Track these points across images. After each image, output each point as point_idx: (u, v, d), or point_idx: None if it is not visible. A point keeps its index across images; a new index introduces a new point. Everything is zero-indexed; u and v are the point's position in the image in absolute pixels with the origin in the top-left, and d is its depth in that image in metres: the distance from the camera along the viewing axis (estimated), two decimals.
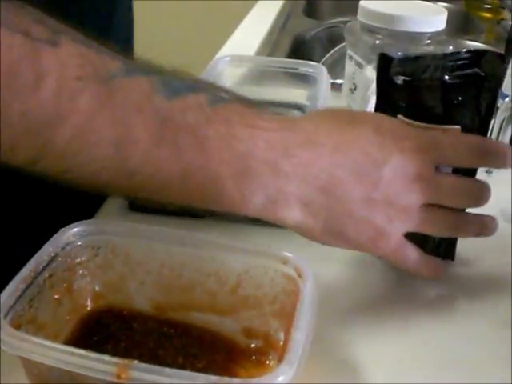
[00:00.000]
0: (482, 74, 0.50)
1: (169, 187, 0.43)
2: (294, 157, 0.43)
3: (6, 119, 0.36)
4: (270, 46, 1.14)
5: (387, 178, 0.45)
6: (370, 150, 0.46)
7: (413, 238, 0.49)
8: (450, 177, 0.49)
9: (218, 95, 0.44)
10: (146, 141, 0.40)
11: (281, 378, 0.35)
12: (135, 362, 0.34)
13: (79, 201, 0.64)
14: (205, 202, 0.44)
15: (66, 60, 0.37)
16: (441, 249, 0.55)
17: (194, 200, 0.45)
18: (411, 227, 0.48)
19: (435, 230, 0.50)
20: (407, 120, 0.50)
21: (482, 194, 0.50)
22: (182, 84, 0.42)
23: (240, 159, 0.42)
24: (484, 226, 0.52)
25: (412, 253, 0.50)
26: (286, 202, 0.44)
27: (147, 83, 0.40)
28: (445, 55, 0.52)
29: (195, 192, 0.43)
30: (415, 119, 0.49)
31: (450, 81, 0.50)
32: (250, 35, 1.17)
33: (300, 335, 0.37)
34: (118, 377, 0.34)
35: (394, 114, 0.50)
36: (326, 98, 0.61)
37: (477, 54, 0.51)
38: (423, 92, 0.51)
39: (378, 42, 0.74)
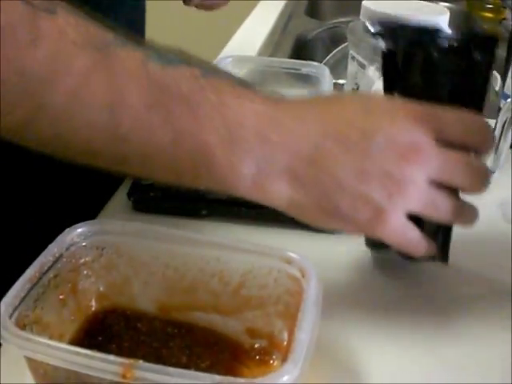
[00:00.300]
0: (474, 58, 0.48)
1: (159, 157, 0.42)
2: (280, 126, 0.43)
3: (3, 77, 0.37)
4: (271, 47, 1.14)
5: (378, 147, 0.43)
6: (355, 119, 0.44)
7: None
8: (454, 152, 0.45)
9: (210, 69, 0.44)
10: (139, 106, 0.40)
11: (285, 378, 0.35)
12: (140, 361, 0.34)
13: (82, 201, 0.64)
14: (195, 176, 0.44)
15: (63, 26, 0.38)
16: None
17: (183, 173, 0.44)
18: (413, 205, 0.45)
19: (436, 213, 0.46)
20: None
21: (486, 176, 0.47)
22: (176, 56, 0.43)
23: (230, 127, 0.42)
24: (474, 216, 0.50)
25: (414, 234, 0.46)
26: (274, 173, 0.43)
27: (142, 53, 0.41)
28: (436, 31, 0.50)
29: (185, 163, 0.42)
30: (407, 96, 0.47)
31: (439, 61, 0.48)
32: (251, 35, 1.17)
33: (304, 335, 0.37)
34: (124, 376, 0.34)
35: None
36: None
37: (470, 37, 0.49)
38: (412, 67, 0.49)
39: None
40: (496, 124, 0.77)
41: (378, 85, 0.75)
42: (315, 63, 0.70)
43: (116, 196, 0.65)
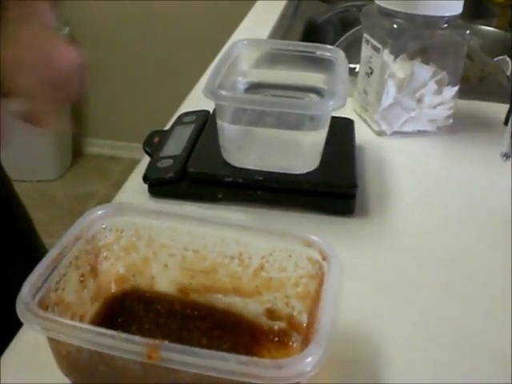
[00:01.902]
0: None
1: None
2: None
3: None
4: (282, 31, 1.14)
5: None
6: None
7: None
8: None
9: None
10: None
11: (309, 360, 0.35)
12: (166, 342, 0.34)
13: None
14: None
15: None
16: None
17: None
18: None
19: None
20: None
21: None
22: None
23: None
24: None
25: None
26: None
27: None
28: None
29: None
30: None
31: None
32: (261, 20, 1.17)
33: (327, 317, 0.37)
34: (149, 357, 0.34)
35: None
36: (346, 81, 0.61)
37: None
38: None
39: (395, 25, 0.73)
40: (510, 108, 0.77)
41: (393, 68, 0.75)
42: (330, 46, 0.69)
43: (131, 180, 0.66)
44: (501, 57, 1.16)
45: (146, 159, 0.67)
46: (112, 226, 0.46)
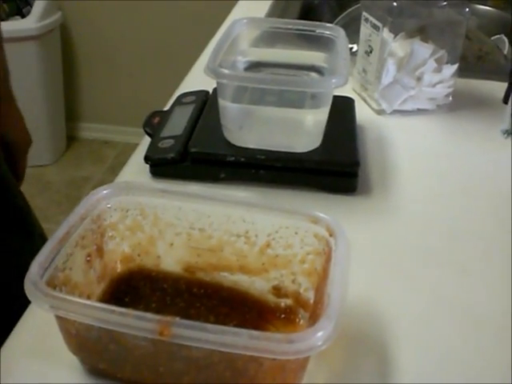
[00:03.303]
0: None
1: None
2: None
3: None
4: (279, 11, 1.13)
5: None
6: None
7: None
8: None
9: None
10: None
11: (320, 334, 0.35)
12: (177, 318, 0.34)
13: None
14: None
15: None
16: None
17: None
18: None
19: None
20: None
21: None
22: None
23: None
24: None
25: None
26: None
27: None
28: None
29: None
30: None
31: None
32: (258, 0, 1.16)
33: (337, 292, 0.37)
34: (161, 334, 0.34)
35: None
36: (348, 59, 0.61)
37: None
38: None
39: (395, 3, 0.73)
40: (509, 86, 0.77)
41: (392, 46, 0.75)
42: (330, 25, 0.69)
43: (131, 161, 0.65)
44: (497, 36, 1.16)
45: (146, 141, 0.66)
46: (117, 205, 0.46)
